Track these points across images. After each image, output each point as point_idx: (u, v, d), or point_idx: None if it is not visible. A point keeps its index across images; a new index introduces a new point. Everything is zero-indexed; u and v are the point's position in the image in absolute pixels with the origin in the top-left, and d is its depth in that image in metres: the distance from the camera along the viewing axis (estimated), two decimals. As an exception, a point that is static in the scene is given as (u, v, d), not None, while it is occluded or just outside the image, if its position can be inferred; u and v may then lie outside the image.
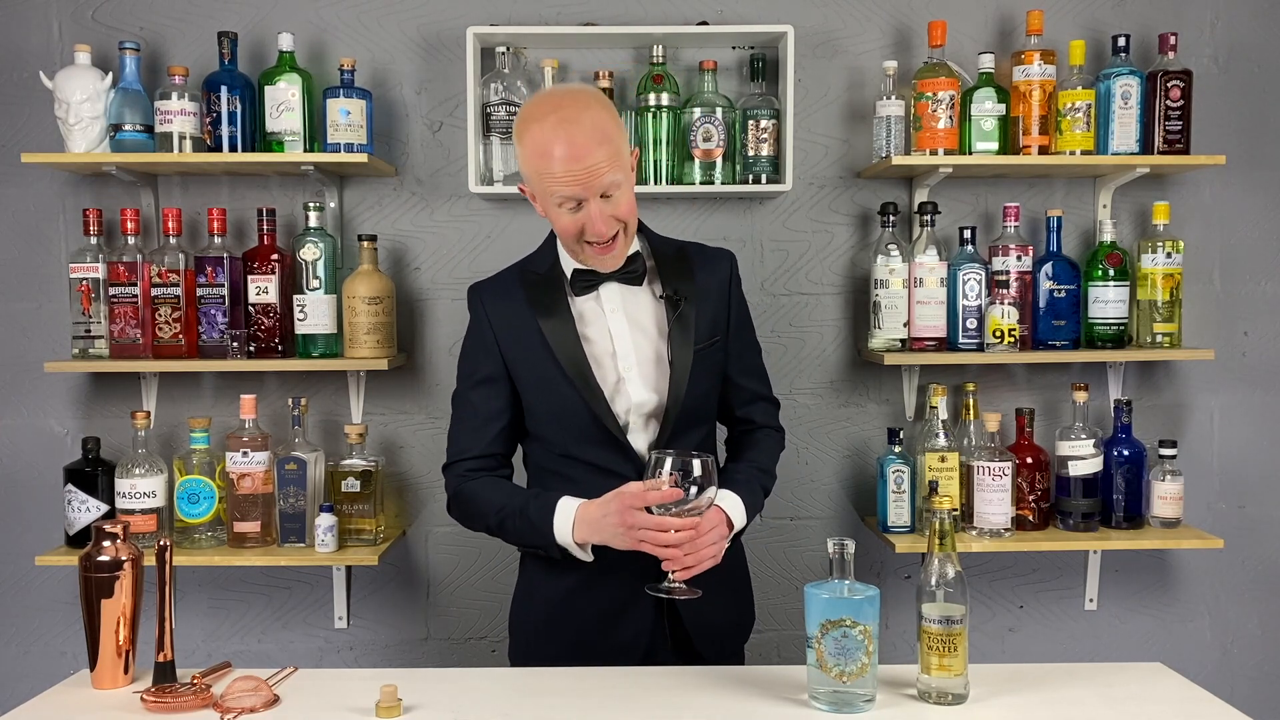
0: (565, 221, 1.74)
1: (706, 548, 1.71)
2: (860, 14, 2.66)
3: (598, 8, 2.63)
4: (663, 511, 1.67)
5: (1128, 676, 1.70)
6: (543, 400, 1.85)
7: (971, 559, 2.71)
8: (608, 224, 1.73)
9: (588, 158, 1.68)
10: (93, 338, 2.49)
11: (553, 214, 1.76)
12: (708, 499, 1.68)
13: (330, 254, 2.52)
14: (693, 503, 1.66)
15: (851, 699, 1.53)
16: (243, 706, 1.56)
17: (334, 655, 2.73)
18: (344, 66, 2.49)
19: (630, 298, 1.87)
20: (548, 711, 1.58)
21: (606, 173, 1.70)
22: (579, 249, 1.79)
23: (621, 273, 1.85)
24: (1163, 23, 2.64)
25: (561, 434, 1.85)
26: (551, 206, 1.75)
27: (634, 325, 1.85)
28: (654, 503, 1.66)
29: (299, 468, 2.47)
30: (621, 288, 1.86)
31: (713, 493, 1.69)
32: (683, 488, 1.65)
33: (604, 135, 1.70)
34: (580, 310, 1.86)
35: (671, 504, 1.66)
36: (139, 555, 1.70)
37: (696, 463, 1.66)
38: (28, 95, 2.61)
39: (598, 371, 1.82)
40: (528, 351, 1.84)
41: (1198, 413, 2.74)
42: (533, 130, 1.71)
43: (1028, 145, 2.50)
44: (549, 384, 1.83)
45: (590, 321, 1.85)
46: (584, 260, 1.82)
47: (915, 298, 2.51)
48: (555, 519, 1.76)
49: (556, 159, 1.68)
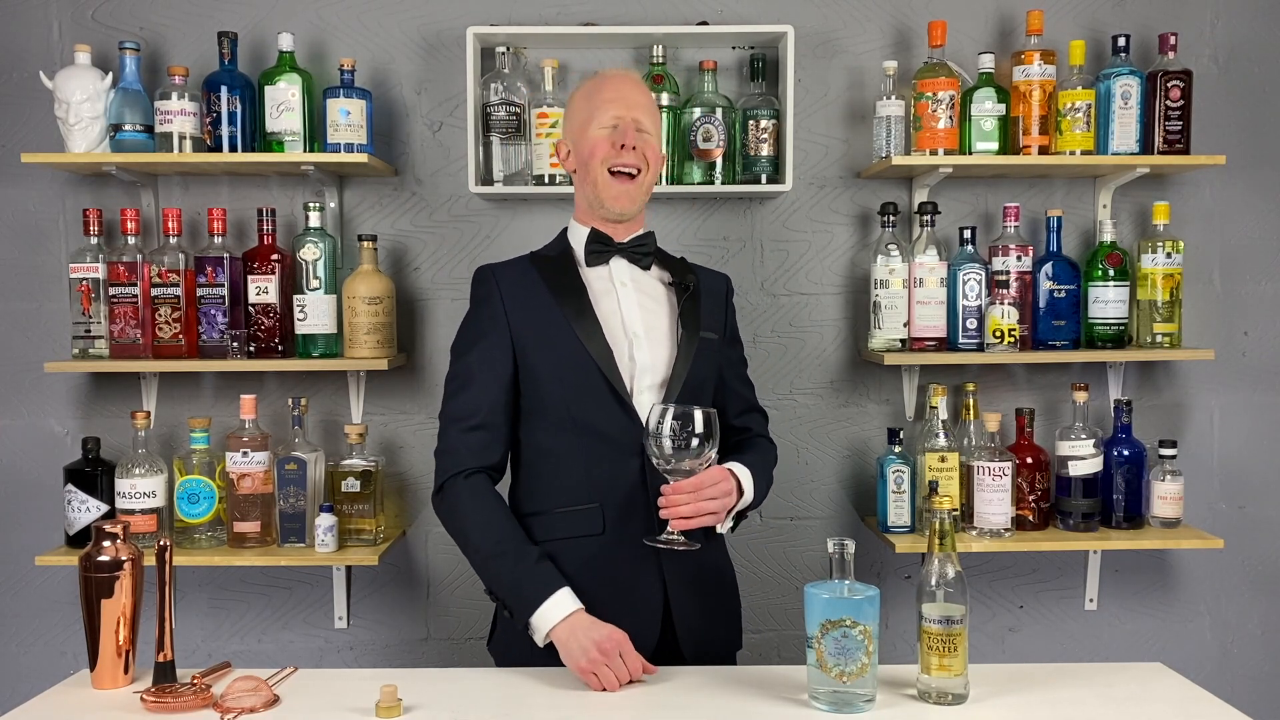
0: (597, 139, 1.85)
1: (707, 501, 1.71)
2: (860, 14, 2.66)
3: (598, 8, 2.64)
4: (663, 465, 1.68)
5: (1128, 676, 1.70)
6: (549, 360, 1.83)
7: (971, 559, 2.71)
8: (639, 139, 1.85)
9: (636, 91, 1.90)
10: (93, 338, 2.49)
11: (585, 141, 1.87)
12: (710, 455, 1.68)
13: (330, 254, 2.52)
14: (695, 458, 1.67)
15: (851, 699, 1.53)
16: (243, 706, 1.56)
17: (334, 655, 2.73)
18: (344, 66, 2.49)
19: (640, 277, 1.93)
20: (548, 712, 1.58)
21: (645, 111, 1.89)
22: (601, 181, 1.86)
23: (631, 250, 1.91)
24: (1163, 23, 2.64)
25: (565, 396, 1.82)
26: (588, 132, 1.86)
27: (643, 299, 1.90)
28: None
29: (299, 468, 2.47)
30: (630, 266, 1.92)
31: (713, 450, 1.69)
32: (682, 439, 1.66)
33: (649, 97, 1.94)
34: (590, 281, 1.89)
35: (673, 456, 1.66)
36: (139, 555, 1.70)
37: (698, 414, 1.67)
38: (28, 95, 2.62)
39: (607, 334, 1.83)
40: (538, 314, 1.85)
41: (1198, 413, 2.74)
42: (591, 81, 1.94)
43: (1028, 145, 2.50)
44: (557, 341, 1.82)
45: (600, 292, 1.89)
46: (603, 199, 1.87)
47: (915, 298, 2.51)
48: (548, 603, 1.69)
49: (610, 83, 1.89)
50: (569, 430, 1.83)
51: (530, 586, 1.72)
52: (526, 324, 1.85)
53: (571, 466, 1.83)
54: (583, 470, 1.82)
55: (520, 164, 2.53)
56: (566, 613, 1.69)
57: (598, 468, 1.82)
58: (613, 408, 1.81)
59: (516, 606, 1.73)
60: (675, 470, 1.68)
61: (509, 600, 1.75)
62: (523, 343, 1.84)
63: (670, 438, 1.66)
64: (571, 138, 1.92)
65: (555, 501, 1.84)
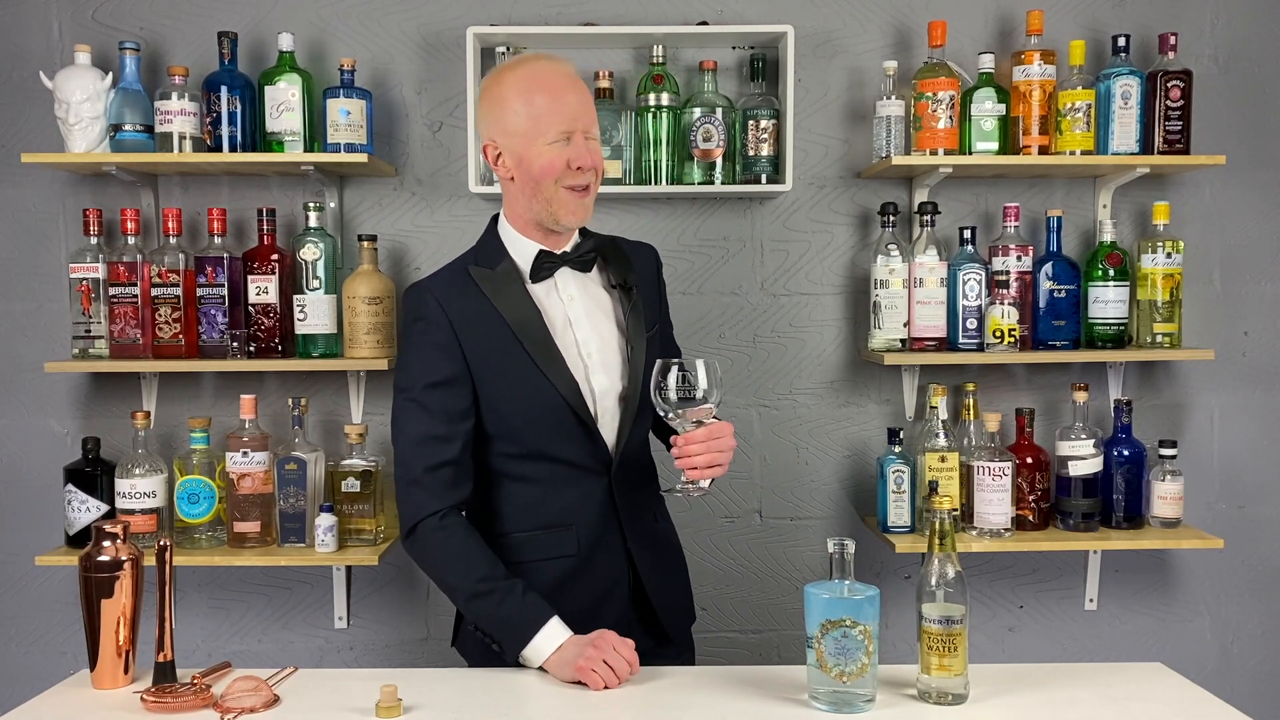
0: (550, 157, 1.73)
1: (719, 453, 1.72)
2: (860, 14, 2.66)
3: (598, 8, 2.63)
4: (671, 414, 1.69)
5: (1128, 676, 1.70)
6: (512, 395, 1.77)
7: (971, 559, 2.71)
8: (595, 157, 1.75)
9: (577, 94, 1.75)
10: (93, 338, 2.49)
11: (533, 155, 1.73)
12: (714, 400, 1.70)
13: (330, 254, 2.52)
14: (701, 405, 1.69)
15: (851, 699, 1.53)
16: (243, 706, 1.56)
17: (334, 655, 2.73)
18: (344, 66, 2.49)
19: (585, 285, 1.86)
20: (548, 711, 1.58)
21: (589, 115, 1.76)
22: (556, 198, 1.75)
23: (575, 259, 1.84)
24: (1163, 23, 2.64)
25: (532, 430, 1.79)
26: (536, 147, 1.73)
27: (592, 313, 1.84)
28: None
29: (299, 468, 2.47)
30: (576, 275, 1.85)
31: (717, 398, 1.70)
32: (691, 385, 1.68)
33: (587, 92, 1.78)
34: (538, 298, 1.82)
35: (679, 406, 1.68)
36: (139, 555, 1.70)
37: (700, 365, 1.69)
38: (28, 95, 2.61)
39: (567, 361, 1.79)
40: (495, 346, 1.76)
41: (1198, 413, 2.74)
42: (518, 73, 1.76)
43: (1028, 145, 2.50)
44: (521, 378, 1.76)
45: (550, 310, 1.82)
46: (558, 215, 1.77)
47: (915, 298, 2.51)
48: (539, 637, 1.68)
49: (547, 88, 1.73)
50: (538, 459, 1.81)
51: (519, 622, 1.70)
52: (483, 356, 1.77)
53: (540, 491, 1.81)
54: (553, 494, 1.81)
55: (520, 164, 2.53)
56: (558, 644, 1.68)
57: (567, 491, 1.80)
58: (581, 437, 1.79)
59: (507, 642, 1.71)
60: (683, 417, 1.70)
61: (498, 636, 1.73)
62: (482, 375, 1.77)
63: (676, 387, 1.68)
64: (507, 146, 1.76)
65: (524, 524, 1.82)
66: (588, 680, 1.63)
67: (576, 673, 1.64)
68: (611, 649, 1.65)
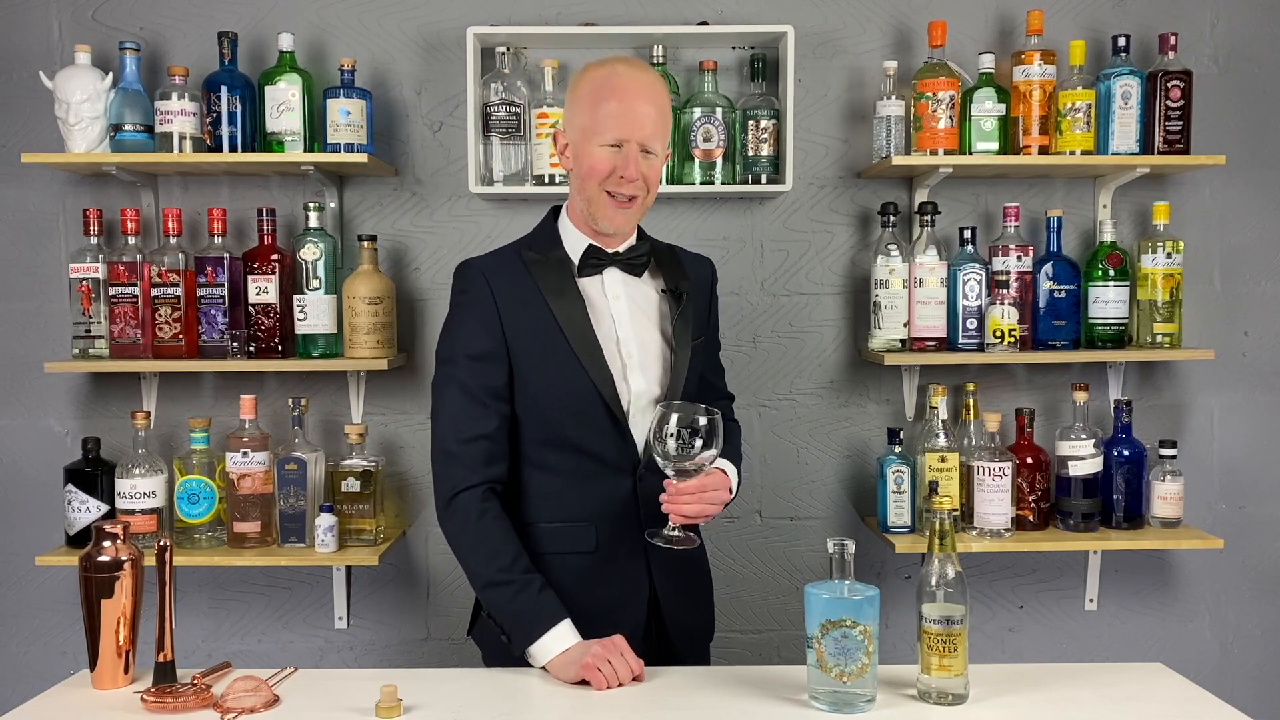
0: (598, 158, 1.75)
1: (709, 505, 1.74)
2: (860, 14, 2.66)
3: (598, 8, 2.63)
4: (668, 465, 1.69)
5: (1128, 676, 1.70)
6: (548, 381, 1.79)
7: (971, 559, 2.71)
8: (643, 164, 1.76)
9: (648, 106, 1.76)
10: (93, 338, 2.49)
11: (585, 153, 1.77)
12: (710, 454, 1.70)
13: (330, 254, 2.52)
14: (697, 457, 1.68)
15: (851, 699, 1.53)
16: (243, 706, 1.56)
17: (334, 655, 2.73)
18: (344, 66, 2.49)
19: (633, 287, 1.87)
20: (548, 712, 1.58)
21: (653, 132, 1.77)
22: (597, 200, 1.78)
23: (626, 259, 1.86)
24: (1163, 23, 2.64)
25: (563, 418, 1.80)
26: (590, 145, 1.76)
27: (635, 315, 1.86)
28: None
29: (299, 468, 2.47)
30: (624, 276, 1.87)
31: (715, 451, 1.70)
32: (687, 440, 1.67)
33: (663, 104, 1.80)
34: (584, 289, 1.84)
35: (675, 459, 1.68)
36: (139, 555, 1.70)
37: (703, 419, 1.68)
38: (28, 95, 2.61)
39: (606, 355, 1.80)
40: (536, 329, 1.78)
41: (1198, 413, 2.74)
42: (601, 71, 1.78)
43: (1028, 145, 2.50)
44: (558, 364, 1.78)
45: (595, 305, 1.84)
46: (596, 216, 1.80)
47: (915, 298, 2.51)
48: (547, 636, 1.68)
49: (618, 92, 1.74)
50: (565, 449, 1.82)
51: (531, 618, 1.70)
52: (524, 337, 1.79)
53: (565, 483, 1.82)
54: (577, 488, 1.81)
55: (520, 164, 2.53)
56: (564, 647, 1.68)
57: (592, 486, 1.81)
58: (611, 432, 1.80)
59: (516, 635, 1.72)
60: (680, 470, 1.70)
61: (508, 627, 1.73)
62: (519, 355, 1.79)
63: (674, 439, 1.68)
64: (571, 139, 1.81)
65: (547, 515, 1.83)
66: (591, 678, 1.63)
67: (582, 670, 1.64)
68: (619, 654, 1.65)
